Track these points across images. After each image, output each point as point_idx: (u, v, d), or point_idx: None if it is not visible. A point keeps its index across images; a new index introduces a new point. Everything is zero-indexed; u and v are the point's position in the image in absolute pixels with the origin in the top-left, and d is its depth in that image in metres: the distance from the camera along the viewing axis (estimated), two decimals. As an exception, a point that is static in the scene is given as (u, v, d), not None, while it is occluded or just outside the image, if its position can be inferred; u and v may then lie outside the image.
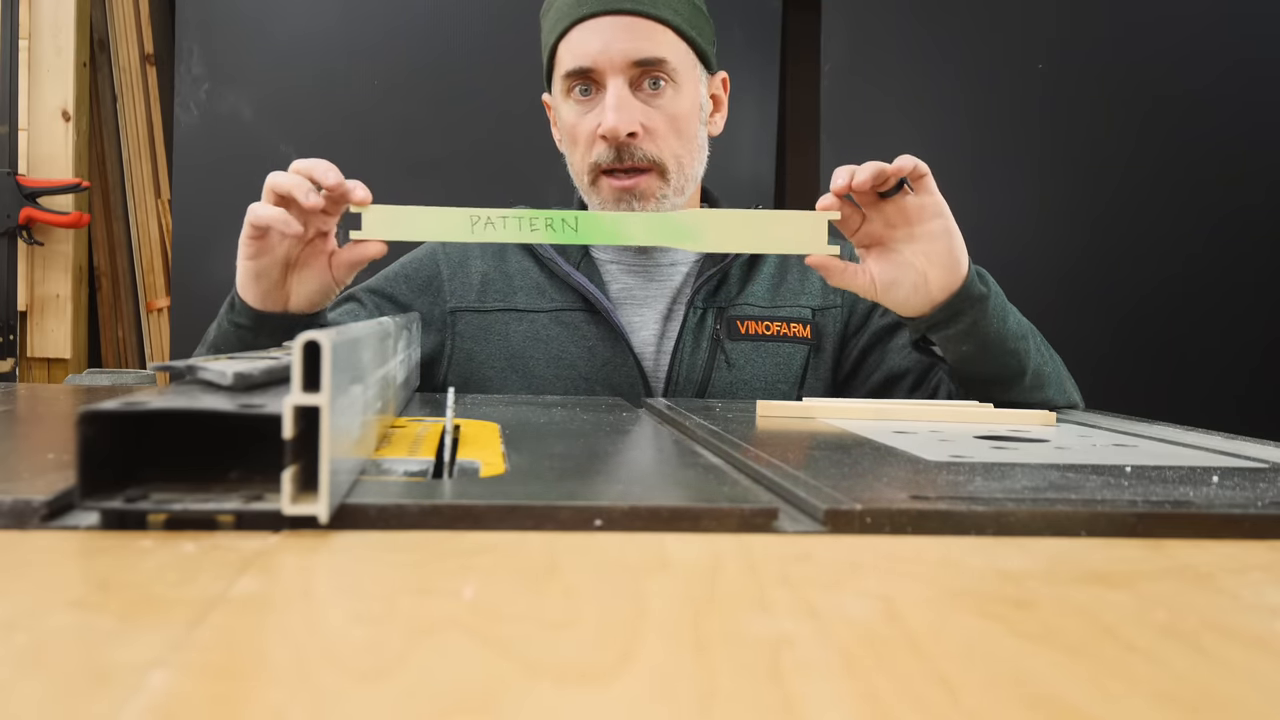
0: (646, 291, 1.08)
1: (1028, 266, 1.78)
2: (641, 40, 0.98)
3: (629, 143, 0.98)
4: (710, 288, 1.07)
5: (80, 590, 0.31)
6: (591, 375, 1.04)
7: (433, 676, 0.24)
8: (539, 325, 1.05)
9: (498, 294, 1.07)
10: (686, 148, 1.03)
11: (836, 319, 1.09)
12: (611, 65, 0.98)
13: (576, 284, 1.05)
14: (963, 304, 0.84)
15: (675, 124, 1.01)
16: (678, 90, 1.01)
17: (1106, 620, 0.30)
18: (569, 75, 1.00)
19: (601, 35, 0.98)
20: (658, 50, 0.99)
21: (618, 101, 0.98)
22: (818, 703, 0.23)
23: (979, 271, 0.87)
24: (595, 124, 0.99)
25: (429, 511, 0.40)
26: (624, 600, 0.31)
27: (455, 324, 1.07)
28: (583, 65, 0.99)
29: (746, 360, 1.06)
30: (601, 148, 0.99)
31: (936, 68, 1.82)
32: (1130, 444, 0.65)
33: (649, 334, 1.07)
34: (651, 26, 0.99)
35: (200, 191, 1.76)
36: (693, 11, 1.04)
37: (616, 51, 0.98)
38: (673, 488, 0.47)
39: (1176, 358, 1.82)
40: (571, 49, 1.00)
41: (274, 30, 1.78)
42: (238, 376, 0.41)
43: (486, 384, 1.05)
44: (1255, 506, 0.43)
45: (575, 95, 1.01)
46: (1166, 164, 1.82)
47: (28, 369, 1.84)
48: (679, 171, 1.02)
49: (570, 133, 1.03)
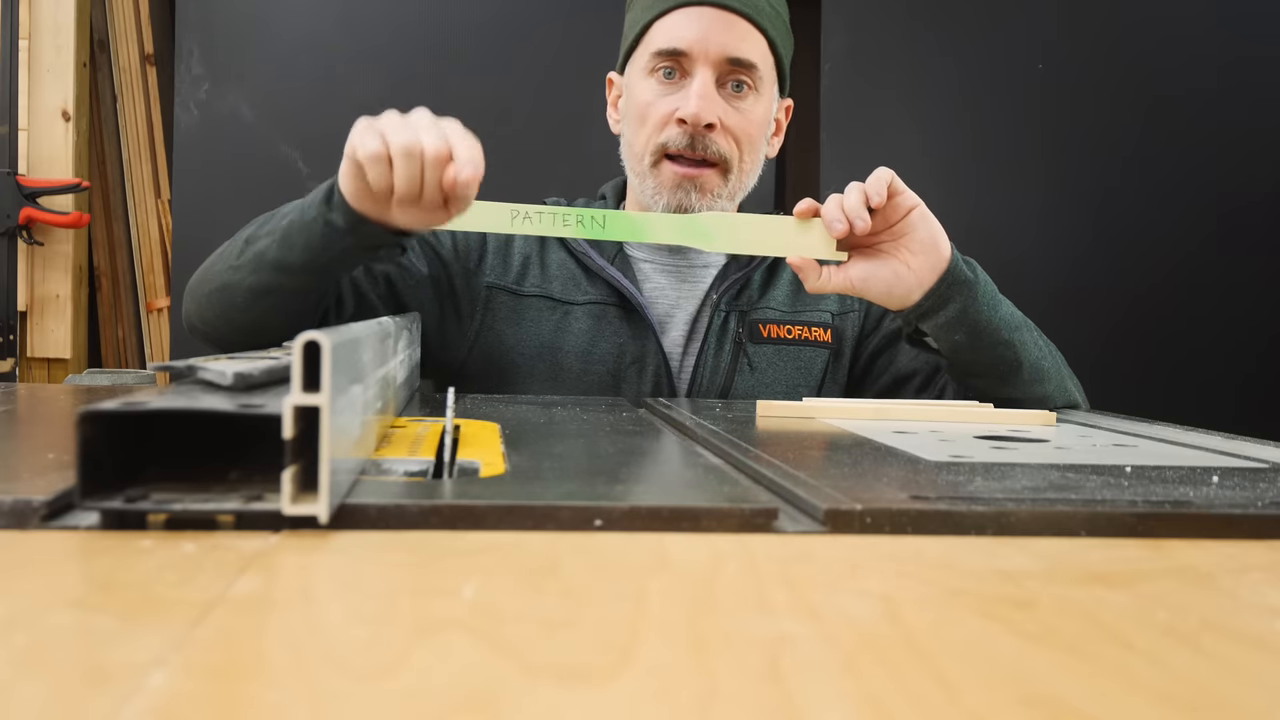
0: (679, 293, 1.08)
1: (1027, 265, 1.78)
2: (739, 39, 1.00)
3: (704, 133, 0.99)
4: (733, 291, 1.07)
5: (80, 590, 0.31)
6: (618, 372, 1.03)
7: (433, 676, 0.24)
8: (572, 317, 1.04)
9: (535, 280, 1.06)
10: (751, 156, 1.04)
11: (854, 323, 1.10)
12: (705, 55, 0.99)
13: (611, 278, 1.05)
14: (949, 289, 0.85)
15: (748, 129, 1.02)
16: (757, 99, 1.02)
17: (1106, 620, 0.30)
18: (659, 54, 1.00)
19: (702, 23, 0.99)
20: (752, 53, 1.00)
21: (704, 90, 0.98)
22: (817, 703, 0.23)
23: (966, 260, 0.89)
24: (673, 108, 1.00)
25: (429, 511, 0.40)
26: (624, 600, 0.31)
27: (490, 300, 1.05)
28: (678, 47, 0.99)
29: (768, 364, 1.06)
30: (675, 131, 1.00)
31: (937, 67, 1.82)
32: (1130, 444, 0.65)
33: (678, 334, 1.07)
34: (749, 29, 1.00)
35: (200, 191, 1.76)
36: (785, 31, 1.05)
37: (714, 43, 0.99)
38: (673, 488, 0.47)
39: (1176, 358, 1.82)
40: (669, 29, 1.00)
41: (274, 30, 1.78)
42: (238, 376, 0.41)
43: (514, 370, 1.03)
44: (1255, 506, 0.43)
45: (659, 76, 1.01)
46: (1166, 163, 1.82)
47: (28, 369, 1.84)
48: (738, 176, 1.03)
49: (642, 111, 1.02)
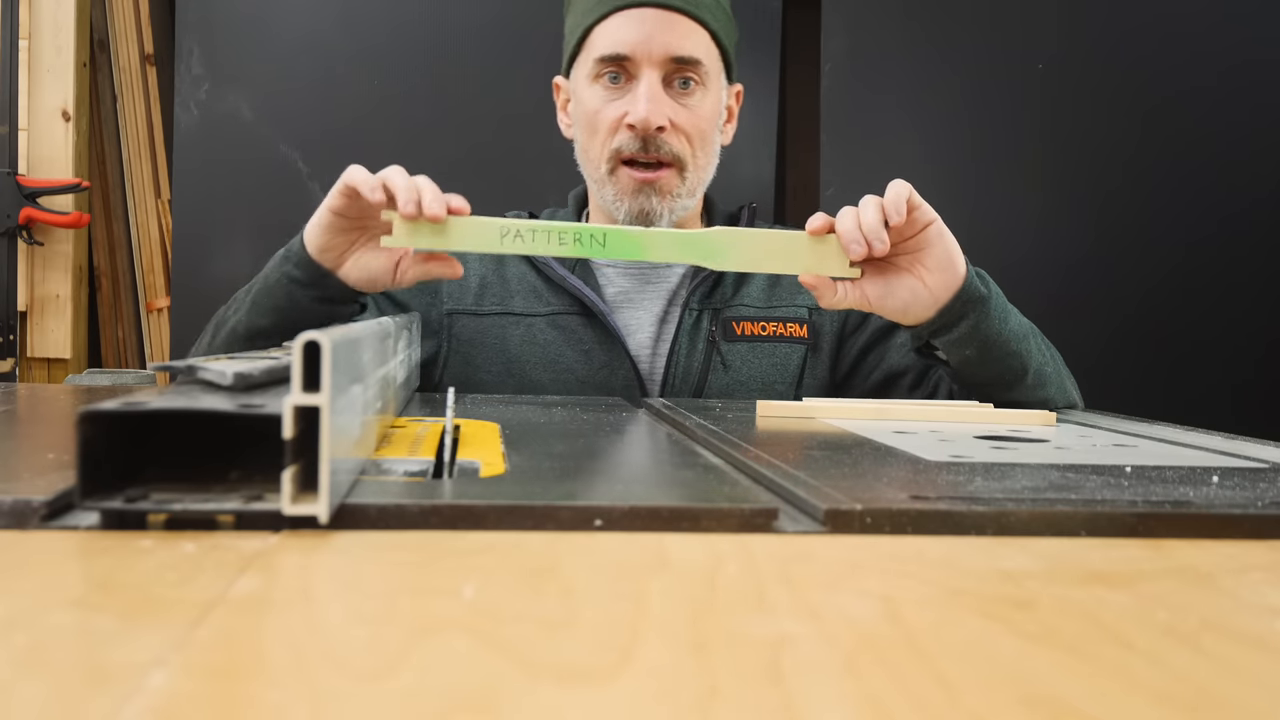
0: (643, 294, 1.08)
1: (1027, 267, 1.78)
2: (682, 38, 0.99)
3: (655, 136, 0.99)
4: (705, 289, 1.07)
5: (80, 590, 0.31)
6: (588, 379, 1.03)
7: (433, 676, 0.24)
8: (535, 329, 1.05)
9: (494, 298, 1.07)
10: (705, 150, 1.03)
11: (834, 318, 1.09)
12: (649, 56, 0.98)
13: (572, 288, 1.05)
14: (964, 306, 0.84)
15: (699, 125, 1.02)
16: (705, 93, 1.02)
17: (1106, 620, 0.30)
18: (603, 60, 1.00)
19: (643, 25, 0.99)
20: (695, 50, 1.00)
21: (651, 93, 0.98)
22: (818, 703, 0.23)
23: (979, 273, 0.87)
24: (621, 113, 0.99)
25: (429, 511, 0.40)
26: (624, 600, 0.31)
27: (451, 326, 1.07)
28: (620, 52, 0.99)
29: (743, 362, 1.05)
30: (626, 136, 0.99)
31: (937, 68, 1.82)
32: (1130, 444, 0.65)
33: (645, 336, 1.06)
34: (691, 26, 1.00)
35: (200, 191, 1.76)
36: (726, 19, 1.05)
37: (657, 44, 0.98)
38: (673, 488, 0.47)
39: (1176, 358, 1.82)
40: (610, 34, 1.00)
41: (274, 30, 1.78)
42: (238, 376, 0.41)
43: (483, 388, 1.05)
44: (1255, 506, 0.43)
45: (604, 82, 1.01)
46: (1166, 164, 1.82)
47: (28, 369, 1.84)
48: (694, 172, 1.03)
49: (591, 118, 1.02)
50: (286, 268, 0.87)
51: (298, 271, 0.86)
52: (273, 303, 0.87)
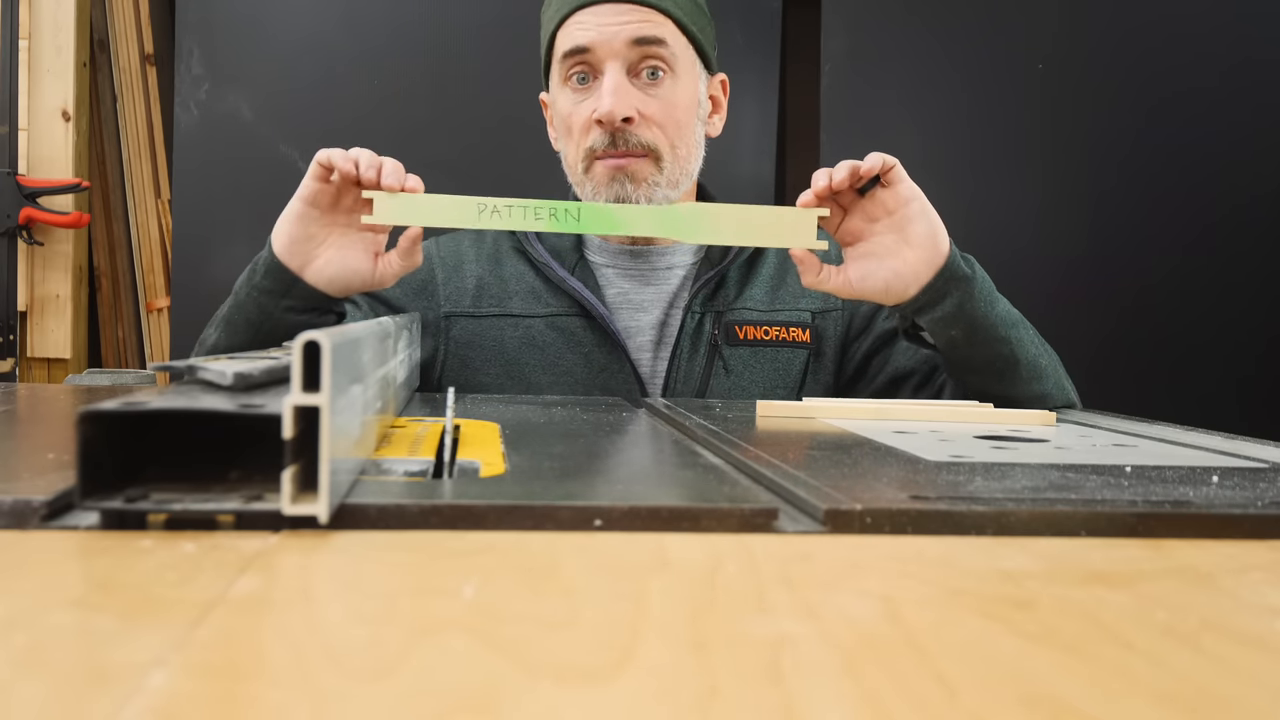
0: (643, 295, 1.07)
1: (1027, 265, 1.78)
2: (641, 20, 0.99)
3: (624, 128, 0.97)
4: (708, 291, 1.06)
5: (80, 590, 0.31)
6: (588, 381, 1.03)
7: (433, 676, 0.24)
8: (534, 331, 1.04)
9: (492, 299, 1.07)
10: (683, 140, 1.02)
11: (838, 322, 1.08)
12: (610, 47, 0.98)
13: (571, 289, 1.04)
14: (947, 284, 0.84)
15: (672, 114, 1.00)
16: (676, 81, 1.01)
17: (1106, 620, 0.30)
18: (566, 56, 1.00)
19: (601, 18, 0.98)
20: (657, 30, 0.99)
21: (615, 86, 0.97)
22: (818, 703, 0.23)
23: (964, 256, 0.88)
24: (591, 110, 0.99)
25: (429, 511, 0.40)
26: (624, 600, 0.31)
27: (449, 329, 1.06)
28: (579, 44, 0.98)
29: (745, 366, 1.05)
30: (597, 133, 0.98)
31: (936, 67, 1.82)
32: (1130, 444, 0.65)
33: (645, 339, 1.06)
34: (651, 13, 0.99)
35: (200, 191, 1.76)
36: (694, 9, 1.04)
37: (615, 30, 0.98)
38: (673, 488, 0.47)
39: (1176, 357, 1.82)
40: (570, 31, 1.00)
41: (274, 30, 1.78)
42: (238, 376, 0.41)
43: (481, 390, 1.04)
44: (1255, 506, 0.43)
45: (572, 83, 1.01)
46: (1166, 163, 1.82)
47: (28, 369, 1.84)
48: (673, 162, 1.01)
49: (566, 122, 1.02)
50: (255, 279, 0.87)
51: (266, 281, 0.86)
52: (244, 318, 0.87)
